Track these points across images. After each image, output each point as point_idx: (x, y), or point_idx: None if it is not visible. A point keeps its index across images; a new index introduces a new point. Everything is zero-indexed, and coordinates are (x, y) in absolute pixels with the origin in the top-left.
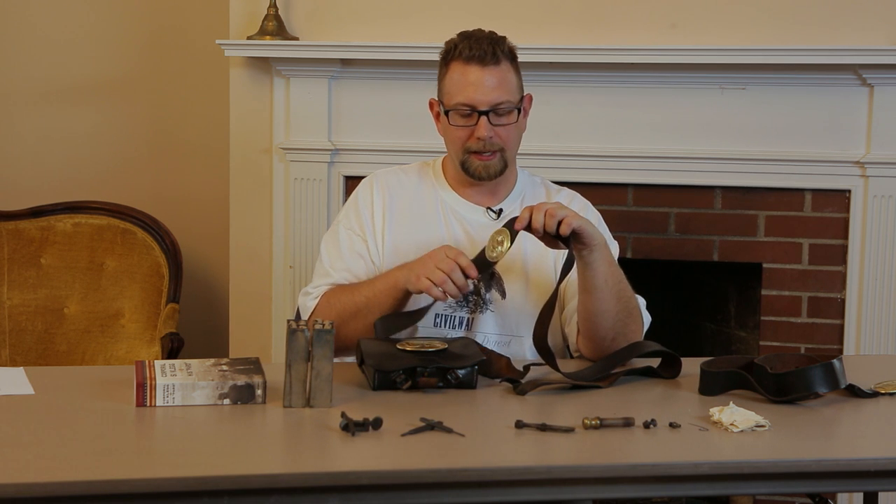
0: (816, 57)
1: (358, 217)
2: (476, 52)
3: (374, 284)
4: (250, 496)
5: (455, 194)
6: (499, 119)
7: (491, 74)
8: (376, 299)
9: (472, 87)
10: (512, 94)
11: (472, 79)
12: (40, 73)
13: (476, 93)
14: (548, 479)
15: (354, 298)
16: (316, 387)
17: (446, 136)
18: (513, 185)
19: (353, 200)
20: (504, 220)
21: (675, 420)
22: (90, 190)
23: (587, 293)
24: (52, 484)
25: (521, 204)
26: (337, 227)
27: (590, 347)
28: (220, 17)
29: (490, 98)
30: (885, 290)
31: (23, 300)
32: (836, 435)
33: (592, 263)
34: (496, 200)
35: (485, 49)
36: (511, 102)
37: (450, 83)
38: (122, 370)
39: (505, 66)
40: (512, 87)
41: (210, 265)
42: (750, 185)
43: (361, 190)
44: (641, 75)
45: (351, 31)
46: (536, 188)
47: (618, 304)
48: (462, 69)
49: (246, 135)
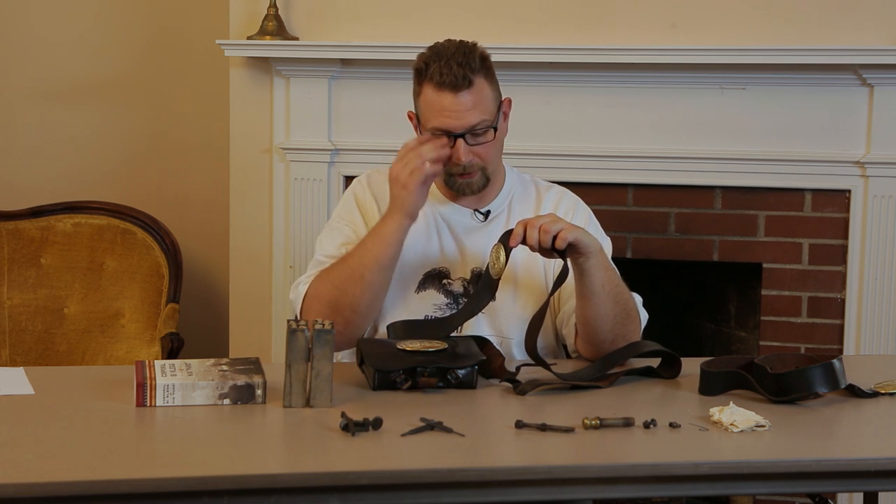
0: (816, 57)
1: (353, 214)
2: (447, 79)
3: (363, 240)
4: (250, 496)
5: (442, 197)
6: (476, 139)
7: (464, 98)
8: (369, 251)
9: (445, 113)
10: (488, 112)
11: (445, 104)
12: (40, 74)
13: (450, 118)
14: (548, 479)
15: (347, 261)
16: (316, 387)
17: None
18: (501, 185)
19: (349, 199)
20: (492, 221)
21: (675, 420)
22: (90, 190)
23: (584, 299)
24: (52, 484)
25: (510, 204)
26: (330, 223)
27: (589, 350)
28: (220, 17)
29: (465, 122)
30: (885, 290)
31: (23, 300)
32: (836, 435)
33: (589, 270)
34: (483, 203)
35: (455, 73)
36: (487, 121)
37: (424, 106)
38: (122, 370)
39: (479, 83)
40: (487, 103)
41: (210, 265)
42: (750, 185)
43: (355, 187)
44: (641, 75)
45: (351, 31)
46: (526, 187)
47: (615, 308)
48: (435, 95)
49: (246, 135)
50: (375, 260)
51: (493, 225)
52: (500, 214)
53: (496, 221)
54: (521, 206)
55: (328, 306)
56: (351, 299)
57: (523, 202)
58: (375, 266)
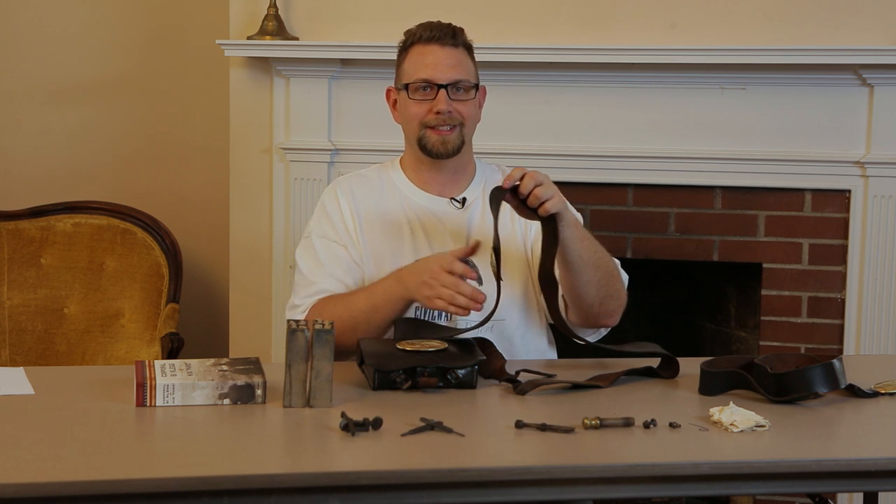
0: (816, 57)
1: (331, 225)
2: (436, 34)
3: (372, 297)
4: (250, 496)
5: (417, 189)
6: (457, 94)
7: (450, 55)
8: (378, 313)
9: (431, 65)
10: (470, 76)
11: (431, 58)
12: (40, 73)
13: (435, 70)
14: (548, 479)
15: (351, 311)
16: (316, 387)
17: (405, 115)
18: (472, 173)
19: (321, 210)
20: (469, 207)
21: (675, 420)
22: (90, 190)
23: (567, 269)
24: (52, 484)
25: (484, 190)
26: (309, 238)
27: (580, 316)
28: (220, 17)
29: (449, 75)
30: (885, 290)
31: (23, 300)
32: (836, 435)
33: (566, 240)
34: (458, 190)
35: (443, 31)
36: (469, 81)
37: (409, 64)
38: (122, 370)
39: (462, 52)
40: (470, 70)
41: (210, 265)
42: (750, 185)
43: (326, 199)
44: (641, 75)
45: (351, 31)
46: (494, 174)
47: (597, 273)
48: (422, 50)
49: (246, 135)
50: (383, 320)
51: (470, 211)
52: (475, 200)
53: (473, 207)
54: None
55: None
56: (347, 343)
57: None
58: (380, 323)
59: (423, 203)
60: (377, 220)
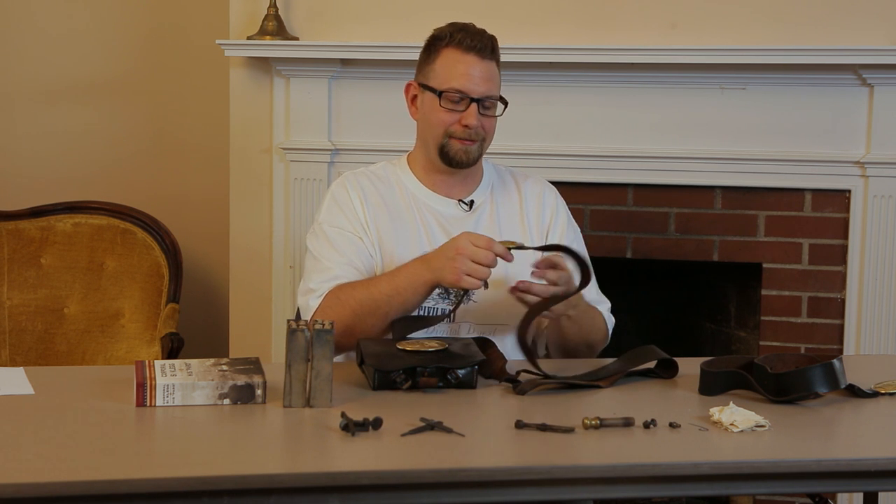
0: (816, 57)
1: (344, 215)
2: (476, 44)
3: (395, 280)
4: (250, 496)
5: (425, 188)
6: (486, 111)
7: (486, 67)
8: (399, 296)
9: (468, 76)
10: (498, 91)
11: (468, 67)
12: (40, 73)
13: (471, 81)
14: (548, 479)
15: (373, 294)
16: (316, 387)
17: (429, 118)
18: (481, 176)
19: (332, 202)
20: (476, 210)
21: (675, 420)
22: (90, 190)
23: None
24: (52, 484)
25: (492, 194)
26: (321, 227)
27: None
28: (220, 17)
29: (483, 89)
30: (885, 290)
31: (23, 300)
32: (836, 435)
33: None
34: (466, 192)
35: (484, 43)
36: (496, 98)
37: (443, 67)
38: (122, 370)
39: (495, 66)
40: (499, 84)
41: (210, 265)
42: (750, 185)
43: (337, 191)
44: (641, 75)
45: (351, 31)
46: (502, 176)
47: (581, 331)
48: (459, 56)
49: (246, 135)
50: (404, 304)
51: (478, 214)
52: (483, 203)
53: (481, 210)
54: (503, 196)
55: (342, 327)
56: (366, 328)
57: (504, 192)
58: (402, 307)
59: (431, 203)
60: (385, 216)
